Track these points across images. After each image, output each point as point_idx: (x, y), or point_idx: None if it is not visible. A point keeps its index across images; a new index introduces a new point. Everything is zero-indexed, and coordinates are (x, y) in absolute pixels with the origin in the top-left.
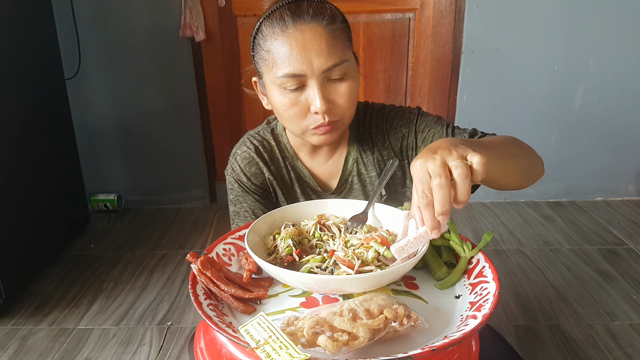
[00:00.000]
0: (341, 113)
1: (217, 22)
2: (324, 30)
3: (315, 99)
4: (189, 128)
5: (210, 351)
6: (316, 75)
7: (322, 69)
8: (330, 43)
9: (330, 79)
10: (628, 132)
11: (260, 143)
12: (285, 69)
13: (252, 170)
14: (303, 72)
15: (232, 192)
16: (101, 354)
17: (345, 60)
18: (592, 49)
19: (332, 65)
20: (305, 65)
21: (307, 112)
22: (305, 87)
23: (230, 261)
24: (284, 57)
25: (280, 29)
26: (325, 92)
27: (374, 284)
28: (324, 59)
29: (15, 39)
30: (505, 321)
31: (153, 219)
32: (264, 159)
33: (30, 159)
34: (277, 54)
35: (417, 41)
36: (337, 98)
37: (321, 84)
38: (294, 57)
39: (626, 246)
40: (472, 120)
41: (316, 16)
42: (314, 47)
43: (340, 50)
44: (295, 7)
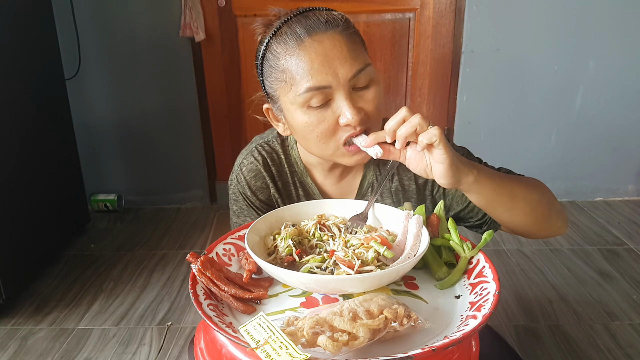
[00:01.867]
0: (372, 122)
1: (217, 22)
2: (341, 36)
3: (346, 110)
4: (189, 128)
5: (210, 351)
6: (342, 84)
7: (347, 77)
8: (351, 49)
9: (356, 87)
10: (628, 132)
11: (268, 155)
12: (307, 84)
13: (258, 185)
14: (328, 83)
15: (236, 204)
16: (101, 354)
17: (368, 64)
18: (592, 49)
19: (357, 71)
20: (329, 76)
21: (336, 128)
22: (331, 101)
23: (230, 261)
24: (304, 71)
25: (295, 43)
26: (354, 101)
27: (374, 284)
28: (348, 66)
29: (15, 39)
30: (505, 321)
31: (153, 219)
32: (271, 173)
33: (30, 159)
34: (296, 70)
35: (417, 41)
36: (365, 106)
37: (348, 93)
38: (315, 70)
39: (626, 246)
40: (472, 120)
41: (330, 24)
42: (336, 55)
43: (362, 55)
44: (304, 19)
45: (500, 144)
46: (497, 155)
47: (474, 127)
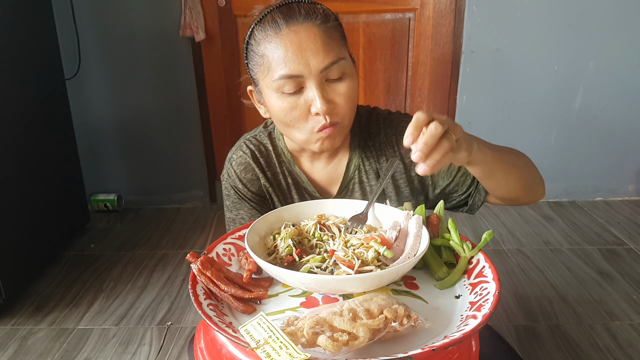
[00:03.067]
0: (342, 113)
1: (217, 22)
2: (318, 29)
3: (315, 100)
4: (189, 128)
5: (210, 351)
6: (314, 75)
7: (319, 69)
8: (325, 42)
9: (329, 79)
10: (628, 132)
11: (256, 147)
12: (281, 71)
13: (248, 177)
14: (300, 72)
15: (228, 198)
16: (101, 354)
17: (342, 57)
18: (592, 49)
19: (329, 64)
20: (302, 66)
21: (307, 115)
22: (304, 89)
23: (230, 261)
24: (279, 59)
25: (273, 31)
26: (325, 92)
27: (374, 284)
28: (320, 58)
29: (15, 39)
30: (505, 321)
31: (153, 219)
32: (260, 165)
33: (30, 159)
34: (272, 56)
35: (417, 41)
36: (336, 98)
37: (319, 84)
38: (289, 58)
39: (626, 246)
40: (472, 120)
41: (309, 16)
42: (310, 46)
43: (337, 48)
44: (286, 9)
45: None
46: None
47: (474, 127)
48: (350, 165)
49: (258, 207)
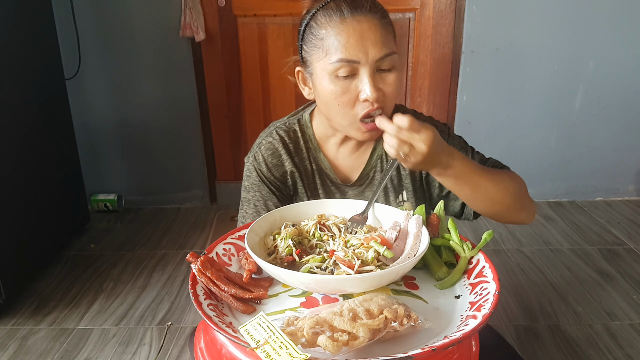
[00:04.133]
0: (387, 102)
1: (217, 22)
2: (378, 22)
3: (367, 86)
4: (189, 128)
5: (210, 351)
6: (369, 63)
7: (375, 58)
8: (384, 35)
9: (380, 69)
10: (628, 132)
11: (286, 133)
12: (340, 55)
13: (274, 162)
14: (358, 59)
15: (248, 179)
16: (101, 354)
17: (395, 52)
18: (592, 49)
19: (384, 55)
20: (361, 53)
21: (355, 101)
22: (356, 75)
23: (230, 261)
24: (340, 44)
25: (338, 17)
26: (375, 80)
27: (374, 284)
28: (378, 49)
29: (15, 39)
30: (505, 321)
31: (153, 219)
32: (289, 150)
33: (30, 159)
34: (333, 41)
35: (417, 41)
36: (385, 87)
37: (372, 72)
38: (350, 45)
39: (626, 246)
40: (472, 120)
41: (372, 9)
42: (370, 37)
43: (391, 43)
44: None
45: (500, 144)
46: (497, 155)
47: (474, 127)
48: (374, 154)
49: (277, 192)
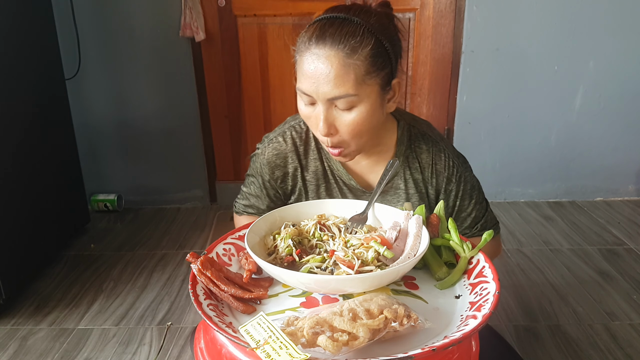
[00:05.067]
0: (346, 141)
1: (217, 22)
2: (338, 61)
3: (319, 122)
4: (189, 128)
5: (210, 351)
6: (321, 100)
7: (326, 97)
8: (339, 75)
9: (337, 106)
10: (628, 132)
11: (298, 134)
12: (300, 84)
13: (278, 162)
14: (311, 93)
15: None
16: (101, 354)
17: (352, 94)
18: (592, 49)
19: (334, 97)
20: (312, 88)
21: (317, 127)
22: (316, 104)
23: (230, 261)
24: (301, 72)
25: (304, 46)
26: (330, 116)
27: (374, 284)
28: (329, 88)
29: (15, 39)
30: (505, 321)
31: (153, 219)
32: (298, 152)
33: (30, 159)
34: (299, 68)
35: (417, 41)
36: (340, 126)
37: (326, 108)
38: (306, 78)
39: (626, 246)
40: (472, 120)
41: (335, 45)
42: (323, 74)
43: (350, 84)
44: (325, 27)
45: (500, 143)
46: (497, 155)
47: (474, 127)
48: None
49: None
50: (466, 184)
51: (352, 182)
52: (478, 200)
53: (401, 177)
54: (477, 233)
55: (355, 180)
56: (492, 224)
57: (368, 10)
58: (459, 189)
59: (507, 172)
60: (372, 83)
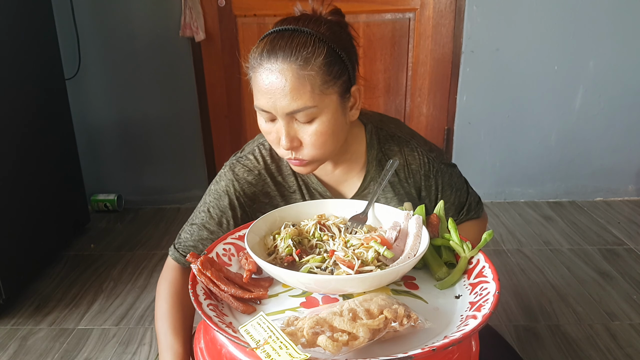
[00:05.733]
0: (309, 153)
1: (217, 22)
2: (292, 74)
3: (281, 137)
4: (189, 128)
5: (210, 351)
6: (280, 115)
7: (284, 112)
8: (295, 87)
9: (297, 119)
10: (628, 132)
11: (268, 152)
12: (256, 101)
13: (249, 179)
14: (269, 109)
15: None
16: (101, 354)
17: (310, 106)
18: (592, 49)
19: (293, 111)
20: (269, 104)
21: (279, 142)
22: (276, 120)
23: (230, 261)
24: (256, 89)
25: (256, 62)
26: (292, 130)
27: (374, 284)
28: (287, 102)
29: (15, 39)
30: (505, 321)
31: (153, 219)
32: (270, 170)
33: (30, 159)
34: (254, 83)
35: (417, 41)
36: (304, 138)
37: (287, 122)
38: (262, 94)
39: (626, 246)
40: (472, 120)
41: (287, 57)
42: (279, 88)
43: (307, 95)
44: (275, 40)
45: (500, 143)
46: (497, 155)
47: (474, 127)
48: (367, 177)
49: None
50: (444, 175)
51: (327, 194)
52: (458, 187)
53: (376, 182)
54: (464, 218)
55: (329, 192)
56: (475, 204)
57: (318, 19)
58: (437, 182)
59: (507, 172)
60: (330, 92)
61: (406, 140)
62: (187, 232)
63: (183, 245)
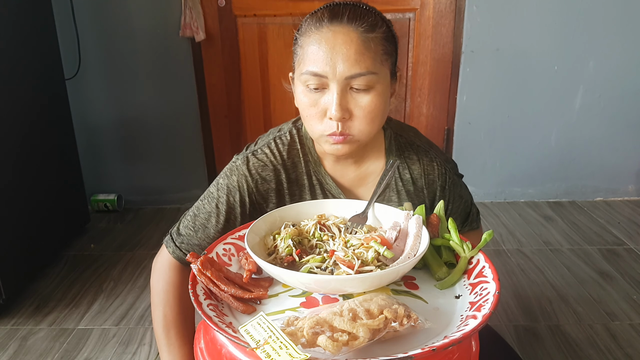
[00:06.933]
0: (357, 127)
1: (217, 22)
2: (357, 36)
3: (332, 105)
4: (189, 128)
5: (210, 351)
6: (337, 79)
7: (344, 75)
8: (360, 51)
9: (353, 87)
10: (628, 133)
11: (284, 146)
12: (309, 66)
13: (263, 175)
14: (325, 73)
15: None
16: (101, 354)
17: (373, 72)
18: (592, 49)
19: (355, 74)
20: (328, 67)
21: (323, 117)
22: (327, 89)
23: (230, 261)
24: (311, 54)
25: (315, 27)
26: (344, 100)
27: (374, 284)
28: (349, 65)
29: (15, 39)
30: (505, 321)
31: (153, 219)
32: (285, 166)
33: (30, 159)
34: (307, 50)
35: (417, 41)
36: (355, 109)
37: (342, 89)
38: (320, 57)
39: (626, 246)
40: (472, 120)
41: (353, 20)
42: (342, 51)
43: (370, 61)
44: (335, 8)
45: (500, 143)
46: (497, 155)
47: (474, 127)
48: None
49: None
50: (456, 187)
51: (342, 197)
52: (466, 198)
53: (393, 190)
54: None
55: (344, 194)
56: (476, 215)
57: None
58: (450, 194)
59: (507, 172)
60: (386, 65)
61: (425, 150)
62: (189, 228)
63: (186, 243)
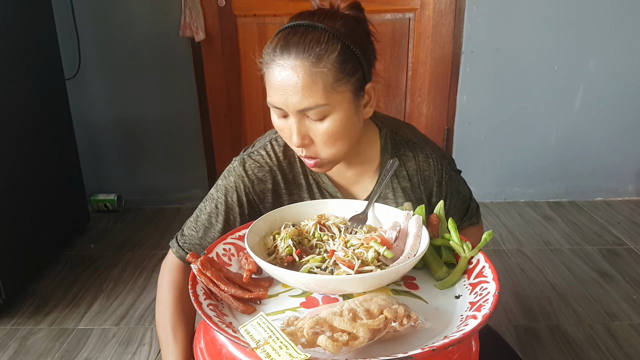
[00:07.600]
0: (322, 151)
1: (217, 22)
2: (304, 71)
3: (292, 134)
4: (189, 128)
5: (210, 351)
6: (291, 112)
7: (296, 109)
8: (307, 85)
9: (309, 117)
10: (628, 132)
11: (280, 148)
12: (270, 98)
13: (260, 176)
14: (281, 106)
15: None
16: (101, 354)
17: (322, 104)
18: (592, 49)
19: (305, 108)
20: (281, 102)
21: (292, 139)
22: (288, 116)
23: (230, 261)
24: (270, 86)
25: (270, 58)
26: (303, 127)
27: (374, 284)
28: (297, 100)
29: (15, 39)
30: (505, 321)
31: (153, 219)
32: (282, 167)
33: (30, 159)
34: (267, 80)
35: (417, 41)
36: (315, 136)
37: (299, 120)
38: (274, 91)
39: (626, 246)
40: (472, 120)
41: (300, 54)
42: (291, 85)
43: (319, 93)
44: (288, 36)
45: (500, 143)
46: (497, 155)
47: (474, 127)
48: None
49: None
50: (454, 182)
51: (338, 195)
52: (464, 193)
53: (389, 187)
54: (466, 224)
55: (340, 193)
56: (475, 210)
57: (334, 14)
58: (448, 189)
59: (507, 172)
60: (342, 90)
61: (421, 146)
62: (191, 229)
63: (189, 243)
